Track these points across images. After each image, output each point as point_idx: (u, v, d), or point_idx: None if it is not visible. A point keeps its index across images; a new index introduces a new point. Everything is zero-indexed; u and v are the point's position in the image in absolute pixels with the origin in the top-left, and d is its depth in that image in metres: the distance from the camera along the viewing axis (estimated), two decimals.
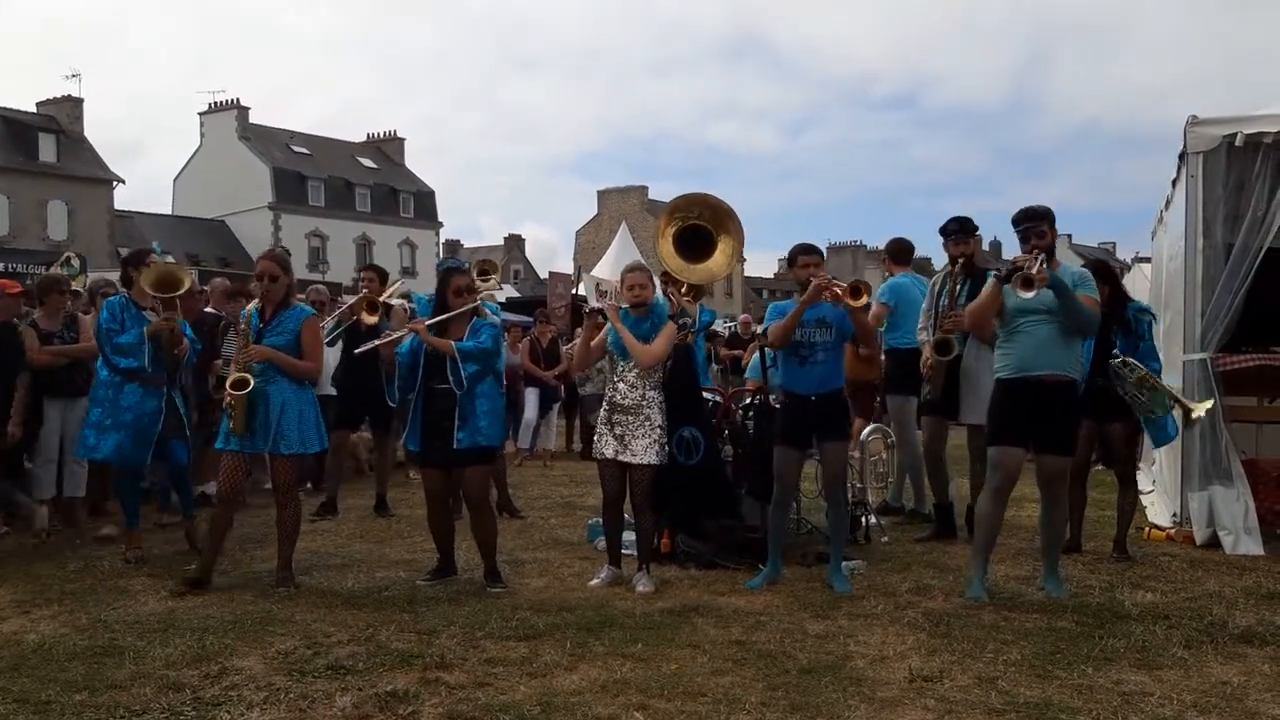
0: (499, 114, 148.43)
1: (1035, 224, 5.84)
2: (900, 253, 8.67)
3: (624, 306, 6.17)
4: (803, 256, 6.14)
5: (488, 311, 8.32)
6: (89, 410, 6.92)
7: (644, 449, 6.07)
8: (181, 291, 6.59)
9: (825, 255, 6.63)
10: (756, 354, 7.89)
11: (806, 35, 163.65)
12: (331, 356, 9.57)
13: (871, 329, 6.19)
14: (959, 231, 7.44)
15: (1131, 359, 6.55)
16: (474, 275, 7.34)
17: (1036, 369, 5.71)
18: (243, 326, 6.05)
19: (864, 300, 5.85)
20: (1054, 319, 5.70)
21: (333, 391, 9.46)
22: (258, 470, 7.94)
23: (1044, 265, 5.61)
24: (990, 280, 5.93)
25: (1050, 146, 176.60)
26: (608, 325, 6.25)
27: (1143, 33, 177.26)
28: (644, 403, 6.11)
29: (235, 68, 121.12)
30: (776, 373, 6.57)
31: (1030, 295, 5.52)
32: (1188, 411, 6.60)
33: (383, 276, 8.89)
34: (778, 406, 6.43)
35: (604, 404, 6.27)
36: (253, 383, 5.89)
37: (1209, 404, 6.74)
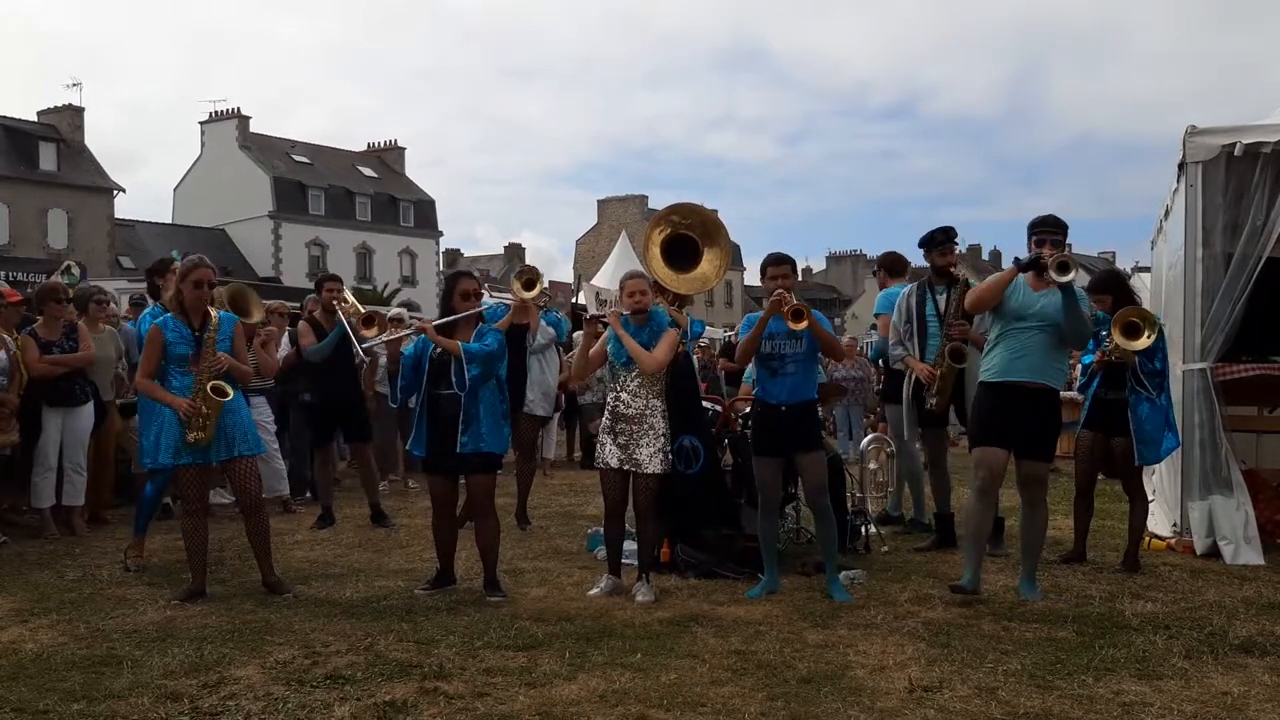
0: (496, 124, 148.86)
1: (1054, 232, 5.94)
2: (897, 265, 8.81)
3: (625, 314, 6.17)
4: (771, 268, 6.17)
5: (542, 322, 8.35)
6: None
7: (649, 458, 6.07)
8: (257, 319, 6.53)
9: (818, 264, 6.65)
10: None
11: (803, 46, 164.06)
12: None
13: (831, 342, 6.17)
14: (945, 241, 7.51)
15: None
16: (518, 287, 7.34)
17: (1021, 374, 5.83)
18: (209, 335, 5.93)
19: (802, 324, 5.85)
20: (1047, 328, 5.81)
21: (306, 398, 9.36)
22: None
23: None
24: (1010, 265, 5.97)
25: (1048, 157, 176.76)
26: (606, 334, 6.24)
27: (1138, 45, 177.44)
28: (648, 411, 6.11)
29: (236, 77, 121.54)
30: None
31: (1068, 278, 5.62)
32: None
33: (342, 284, 8.84)
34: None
35: (606, 414, 6.26)
36: (231, 391, 5.86)
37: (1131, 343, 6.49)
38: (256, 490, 6.15)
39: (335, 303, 8.34)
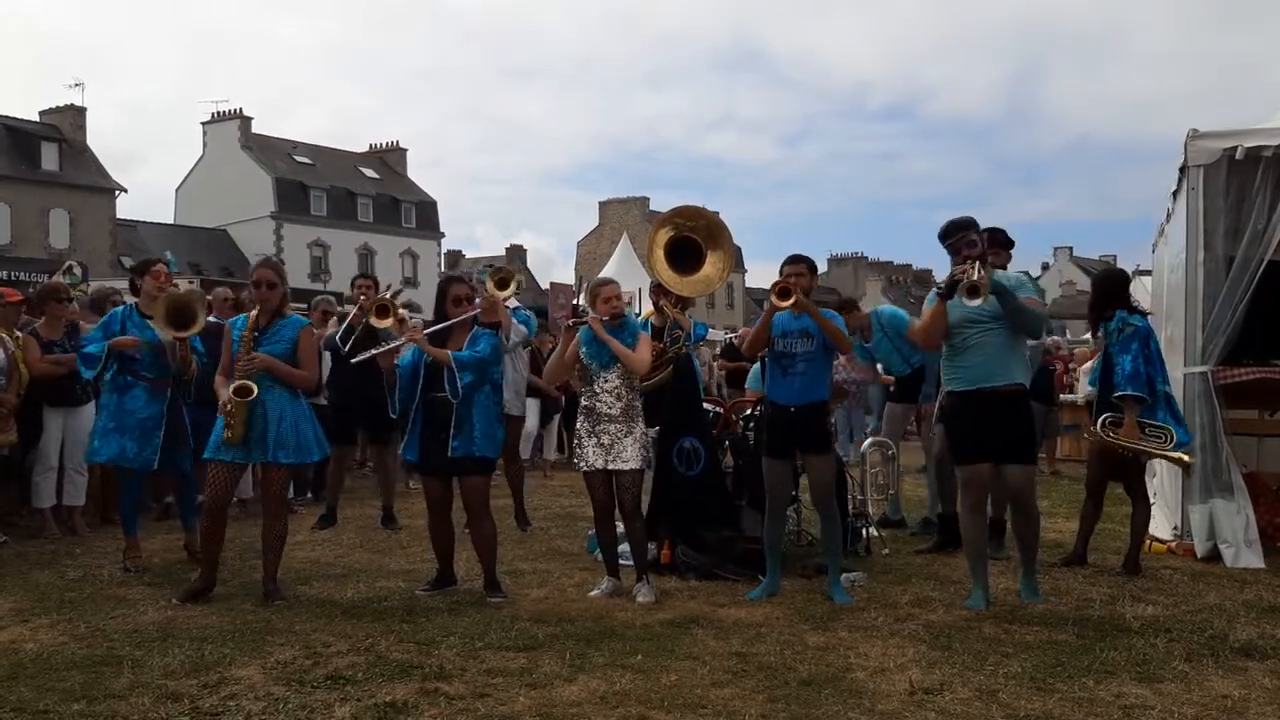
0: (496, 124, 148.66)
1: (964, 234, 5.88)
2: None
3: (604, 319, 6.17)
4: (786, 266, 6.18)
5: (514, 321, 8.36)
6: (96, 416, 6.97)
7: (632, 455, 6.08)
8: (194, 331, 6.53)
9: (818, 266, 6.63)
10: (758, 364, 7.90)
11: (802, 46, 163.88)
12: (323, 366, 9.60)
13: (836, 333, 6.06)
14: (989, 243, 7.44)
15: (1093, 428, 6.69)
16: (492, 286, 7.33)
17: (992, 380, 5.78)
18: (244, 334, 6.01)
19: (789, 303, 5.84)
20: (999, 326, 5.77)
21: (323, 401, 9.45)
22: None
23: (982, 271, 5.64)
24: (932, 297, 5.93)
25: (1047, 158, 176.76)
26: (578, 337, 6.23)
27: (1138, 45, 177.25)
28: (630, 409, 6.13)
29: (237, 78, 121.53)
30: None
31: (977, 303, 5.56)
32: (1182, 464, 6.61)
33: (377, 284, 8.95)
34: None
35: (582, 417, 6.25)
36: (255, 390, 5.87)
37: (1186, 456, 6.71)
38: (280, 497, 6.17)
39: (362, 298, 8.53)
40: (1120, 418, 6.61)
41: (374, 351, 6.38)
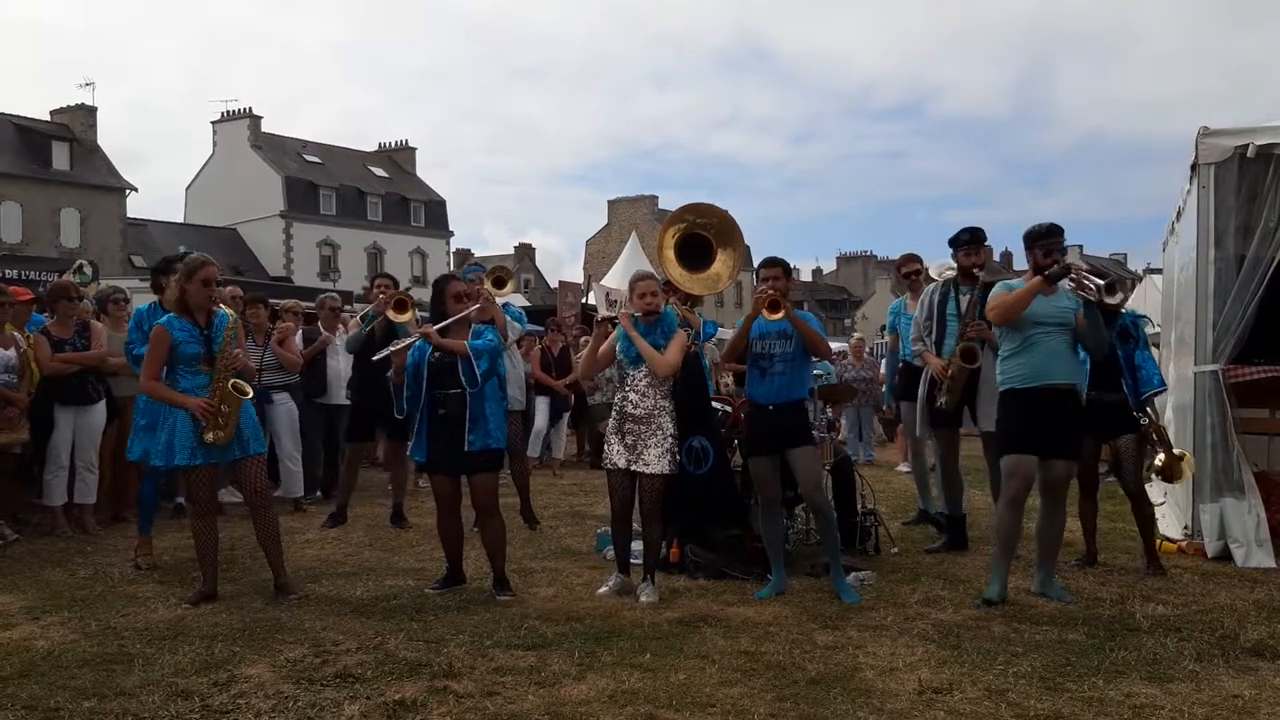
0: (503, 124, 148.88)
1: (1059, 239, 5.96)
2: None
3: (636, 315, 6.15)
4: (763, 269, 6.20)
5: (507, 319, 8.39)
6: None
7: (656, 458, 6.03)
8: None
9: (829, 264, 6.70)
10: None
11: (809, 46, 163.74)
12: (345, 366, 9.65)
13: (815, 339, 6.07)
14: (970, 241, 7.45)
15: (1150, 414, 6.87)
16: (489, 285, 7.34)
17: (1053, 378, 5.83)
18: (230, 332, 5.93)
19: (778, 315, 5.88)
20: (1065, 329, 5.85)
21: (346, 401, 9.56)
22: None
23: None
24: (1036, 278, 5.87)
25: (1055, 158, 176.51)
26: (615, 334, 6.24)
27: (1146, 44, 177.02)
28: (656, 411, 6.08)
29: (246, 77, 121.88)
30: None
31: (1118, 298, 5.76)
32: (1173, 472, 6.74)
33: (396, 283, 9.00)
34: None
35: (614, 413, 6.25)
36: (250, 389, 5.86)
37: (1187, 470, 6.90)
38: (265, 489, 6.12)
39: (380, 296, 8.56)
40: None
41: (393, 348, 6.39)
